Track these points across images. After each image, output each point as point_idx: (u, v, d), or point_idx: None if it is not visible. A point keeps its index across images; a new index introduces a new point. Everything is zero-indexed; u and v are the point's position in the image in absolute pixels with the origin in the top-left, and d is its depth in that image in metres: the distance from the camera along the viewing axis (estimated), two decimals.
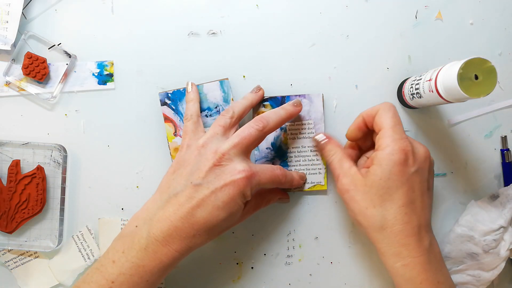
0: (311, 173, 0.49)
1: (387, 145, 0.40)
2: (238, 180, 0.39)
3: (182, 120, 0.48)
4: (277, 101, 0.48)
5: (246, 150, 0.42)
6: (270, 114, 0.44)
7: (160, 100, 0.48)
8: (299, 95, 0.48)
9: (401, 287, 0.41)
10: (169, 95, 0.48)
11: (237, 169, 0.40)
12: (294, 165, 0.49)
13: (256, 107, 0.48)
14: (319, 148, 0.47)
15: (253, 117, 0.46)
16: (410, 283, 0.40)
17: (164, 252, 0.39)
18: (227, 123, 0.43)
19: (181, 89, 0.48)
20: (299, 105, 0.46)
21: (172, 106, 0.48)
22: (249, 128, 0.42)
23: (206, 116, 0.48)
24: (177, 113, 0.48)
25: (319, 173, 0.49)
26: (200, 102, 0.48)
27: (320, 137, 0.46)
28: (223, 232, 0.42)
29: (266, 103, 0.48)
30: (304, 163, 0.49)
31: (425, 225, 0.41)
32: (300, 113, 0.48)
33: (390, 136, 0.41)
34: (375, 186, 0.40)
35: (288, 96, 0.48)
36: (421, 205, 0.41)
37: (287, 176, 0.45)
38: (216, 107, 0.48)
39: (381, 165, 0.40)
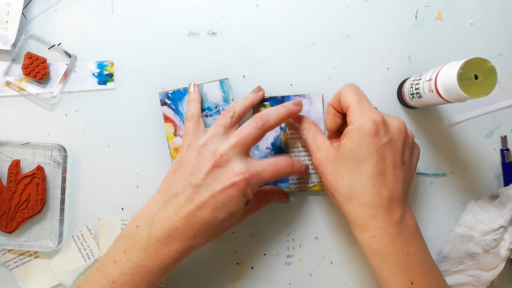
0: (311, 173, 0.49)
1: (356, 119, 0.40)
2: (237, 182, 0.39)
3: (182, 120, 0.48)
4: (277, 101, 0.48)
5: (246, 148, 0.41)
6: (270, 112, 0.44)
7: (160, 100, 0.48)
8: (299, 95, 0.48)
9: (369, 258, 0.41)
10: (169, 95, 0.48)
11: (235, 171, 0.40)
12: None
13: (256, 107, 0.48)
14: (294, 128, 0.48)
15: None
16: (377, 254, 0.40)
17: (165, 252, 0.39)
18: (227, 122, 0.43)
19: (181, 89, 0.48)
20: (300, 104, 0.46)
21: (172, 106, 0.48)
22: (248, 127, 0.42)
23: (206, 116, 0.48)
24: (177, 113, 0.48)
25: None
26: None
27: (293, 120, 0.47)
28: (223, 232, 0.42)
29: (266, 103, 0.48)
30: (304, 163, 0.49)
31: (397, 198, 0.40)
32: (300, 114, 0.48)
33: (357, 110, 0.41)
34: (344, 157, 0.41)
35: (288, 96, 0.48)
36: (393, 178, 0.40)
37: (294, 166, 0.44)
38: (216, 107, 0.48)
39: (351, 137, 0.40)
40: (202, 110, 0.48)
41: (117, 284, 0.38)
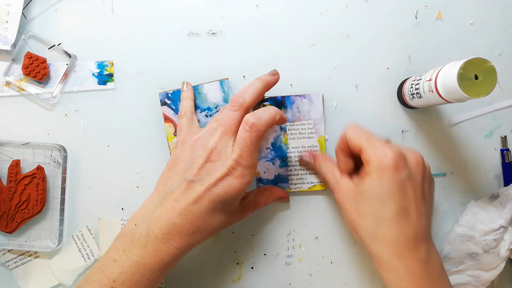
0: (311, 173, 0.49)
1: (373, 155, 0.39)
2: (230, 170, 0.39)
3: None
4: (277, 101, 0.48)
5: (233, 135, 0.41)
6: (245, 89, 0.43)
7: (160, 100, 0.48)
8: (299, 95, 0.48)
9: None
10: (169, 95, 0.48)
11: (227, 164, 0.39)
12: (294, 165, 0.49)
13: (256, 107, 0.48)
14: (309, 166, 0.48)
15: None
16: None
17: (164, 249, 0.39)
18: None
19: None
20: (276, 73, 0.45)
21: (172, 106, 0.48)
22: (227, 113, 0.41)
23: (206, 116, 0.48)
24: (177, 113, 0.48)
25: None
26: (200, 102, 0.48)
27: (306, 156, 0.48)
28: (223, 228, 0.42)
29: (266, 103, 0.48)
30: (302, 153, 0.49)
31: (422, 234, 0.39)
32: (300, 113, 0.48)
33: (372, 148, 0.40)
34: (365, 194, 0.40)
35: (288, 96, 0.48)
36: (416, 213, 0.39)
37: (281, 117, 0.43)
38: (216, 107, 0.48)
39: (371, 174, 0.39)
40: (202, 110, 0.48)
41: (117, 283, 0.38)
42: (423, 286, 0.38)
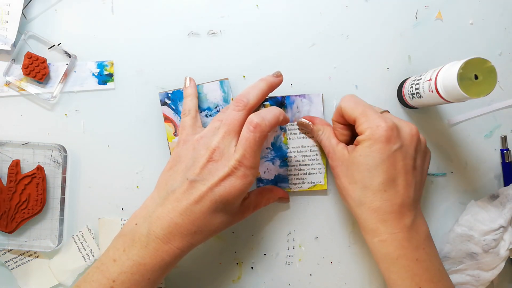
0: (311, 173, 0.49)
1: (367, 127, 0.40)
2: (233, 170, 0.39)
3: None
4: (277, 101, 0.48)
5: (236, 135, 0.41)
6: (249, 90, 0.43)
7: (160, 100, 0.48)
8: (299, 95, 0.48)
9: (378, 262, 0.41)
10: (169, 95, 0.48)
11: (230, 164, 0.39)
12: (294, 165, 0.49)
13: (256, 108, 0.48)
14: (307, 130, 0.48)
15: None
16: (387, 258, 0.40)
17: (165, 249, 0.39)
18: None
19: (181, 89, 0.48)
20: (280, 75, 0.45)
21: (172, 106, 0.48)
22: (231, 112, 0.41)
23: (206, 116, 0.48)
24: (177, 113, 0.48)
25: (319, 173, 0.49)
26: (200, 102, 0.48)
27: (305, 120, 0.47)
28: (224, 228, 0.42)
29: (266, 103, 0.48)
30: (304, 163, 0.49)
31: (408, 203, 0.40)
32: (300, 113, 0.48)
33: (366, 120, 0.41)
34: (356, 162, 0.41)
35: (288, 96, 0.48)
36: (404, 184, 0.40)
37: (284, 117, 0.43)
38: (216, 107, 0.48)
39: (363, 144, 0.40)
40: (202, 110, 0.48)
41: (117, 283, 0.38)
42: (405, 249, 0.39)
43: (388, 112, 0.44)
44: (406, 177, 0.40)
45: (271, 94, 0.48)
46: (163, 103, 0.48)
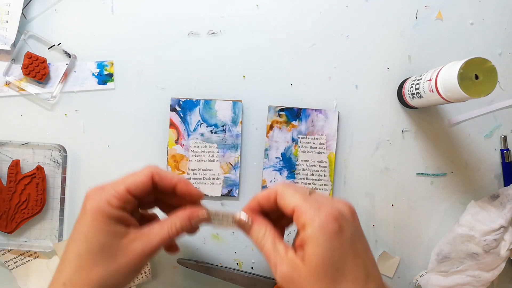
0: (318, 188, 0.48)
1: (312, 219, 0.33)
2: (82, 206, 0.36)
3: (187, 129, 0.48)
4: (293, 112, 0.48)
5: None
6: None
7: (171, 105, 0.48)
8: (315, 109, 0.48)
9: None
10: (181, 102, 0.48)
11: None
12: (301, 178, 0.49)
13: (271, 117, 0.48)
14: (243, 229, 0.37)
15: None
16: None
17: None
18: None
19: (194, 100, 0.48)
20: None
21: (181, 113, 0.48)
22: None
23: (212, 132, 0.48)
24: (183, 122, 0.48)
25: (325, 189, 0.49)
26: (209, 117, 0.48)
27: (243, 216, 0.37)
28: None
29: (281, 113, 0.48)
30: (311, 177, 0.49)
31: (382, 284, 0.35)
32: (314, 127, 0.48)
33: (309, 209, 0.34)
34: (321, 269, 0.33)
35: (305, 109, 0.48)
36: (371, 265, 0.35)
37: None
38: (223, 126, 0.48)
39: (318, 244, 0.33)
40: (209, 125, 0.48)
41: None
42: None
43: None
44: (369, 259, 0.35)
45: (288, 104, 0.48)
46: (173, 109, 0.48)
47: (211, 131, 0.48)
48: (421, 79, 0.43)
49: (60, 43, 0.49)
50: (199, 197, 0.39)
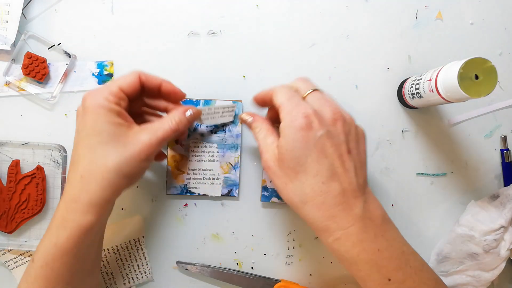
0: None
1: (286, 115, 0.37)
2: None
3: (188, 132, 0.48)
4: None
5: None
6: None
7: None
8: None
9: (341, 262, 0.38)
10: (181, 102, 0.48)
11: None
12: None
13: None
14: (247, 126, 0.44)
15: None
16: (347, 257, 0.37)
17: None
18: None
19: (193, 100, 0.48)
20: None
21: None
22: None
23: (212, 132, 0.48)
24: None
25: None
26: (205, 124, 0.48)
27: (246, 116, 0.44)
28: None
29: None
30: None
31: (352, 190, 0.37)
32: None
33: (287, 106, 0.38)
34: (285, 159, 0.37)
35: None
36: (341, 170, 0.37)
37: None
38: (223, 126, 0.48)
39: (285, 136, 0.37)
40: (209, 125, 0.48)
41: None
42: (362, 242, 0.36)
43: (317, 91, 0.40)
44: (342, 163, 0.37)
45: None
46: None
47: (211, 131, 0.48)
48: (421, 79, 0.43)
49: (60, 43, 0.49)
50: (182, 97, 0.44)
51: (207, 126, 0.48)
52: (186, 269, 0.48)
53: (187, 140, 0.48)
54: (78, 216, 0.37)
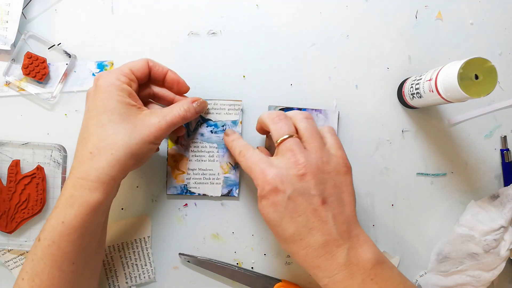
0: None
1: (257, 181, 0.38)
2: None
3: (187, 130, 0.48)
4: None
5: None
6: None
7: None
8: (315, 109, 0.48)
9: None
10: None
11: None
12: None
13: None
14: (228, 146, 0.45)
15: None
16: None
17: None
18: None
19: None
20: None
21: None
22: None
23: (212, 132, 0.48)
24: (184, 124, 0.48)
25: None
26: (209, 118, 0.48)
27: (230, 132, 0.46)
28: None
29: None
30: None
31: (333, 239, 0.37)
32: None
33: (255, 173, 0.39)
34: (266, 221, 0.39)
35: (305, 109, 0.48)
36: (318, 223, 0.37)
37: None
38: (223, 126, 0.48)
39: (259, 204, 0.39)
40: (209, 125, 0.48)
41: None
42: (351, 287, 0.36)
43: (290, 138, 0.39)
44: (317, 216, 0.37)
45: (288, 104, 0.48)
46: None
47: (211, 131, 0.48)
48: (421, 79, 0.43)
49: (60, 43, 0.49)
50: (186, 89, 0.45)
51: (207, 126, 0.48)
52: (188, 261, 0.48)
53: (187, 140, 0.48)
54: (86, 193, 0.37)
